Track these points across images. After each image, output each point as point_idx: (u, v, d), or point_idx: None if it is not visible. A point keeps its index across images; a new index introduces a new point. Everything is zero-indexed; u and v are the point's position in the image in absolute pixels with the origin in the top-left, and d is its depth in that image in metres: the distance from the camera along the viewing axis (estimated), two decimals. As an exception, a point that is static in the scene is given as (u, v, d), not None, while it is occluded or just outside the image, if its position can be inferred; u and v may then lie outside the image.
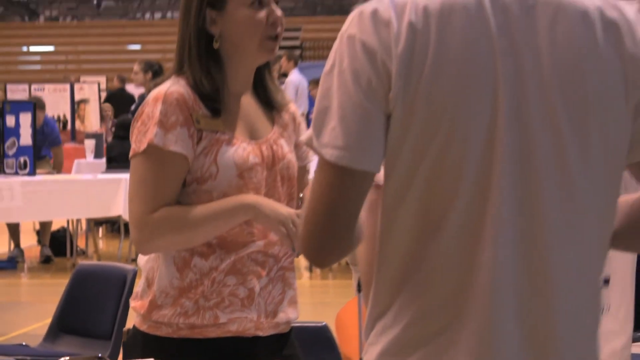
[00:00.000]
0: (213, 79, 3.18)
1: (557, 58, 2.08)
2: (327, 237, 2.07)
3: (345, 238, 2.11)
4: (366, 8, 2.05)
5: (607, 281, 2.72)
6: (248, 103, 3.31)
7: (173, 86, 3.16)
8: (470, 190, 2.05)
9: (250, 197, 3.12)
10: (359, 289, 2.70)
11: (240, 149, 3.18)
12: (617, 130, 2.12)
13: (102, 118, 18.35)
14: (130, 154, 3.18)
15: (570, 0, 2.11)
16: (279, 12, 3.24)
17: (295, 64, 18.34)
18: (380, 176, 2.11)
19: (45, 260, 13.16)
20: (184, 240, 3.14)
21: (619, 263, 2.82)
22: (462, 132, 2.03)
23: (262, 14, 3.19)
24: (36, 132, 12.69)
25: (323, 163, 2.01)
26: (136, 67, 15.55)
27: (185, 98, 3.13)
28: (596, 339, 2.22)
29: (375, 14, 2.03)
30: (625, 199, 2.27)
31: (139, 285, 3.28)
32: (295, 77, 16.43)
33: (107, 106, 18.27)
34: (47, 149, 14.07)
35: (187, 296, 3.12)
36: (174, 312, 3.13)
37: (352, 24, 2.05)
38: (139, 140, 3.13)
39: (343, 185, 2.04)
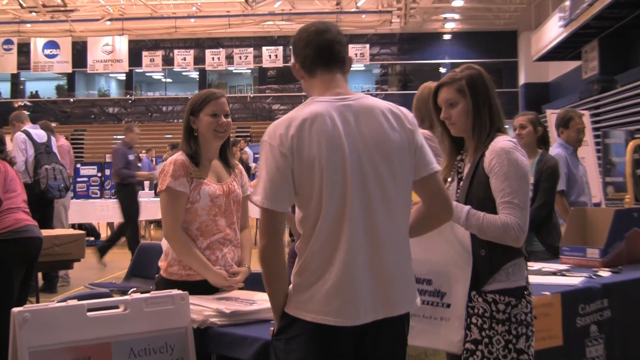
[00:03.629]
0: (195, 151, 3.08)
1: (373, 137, 2.10)
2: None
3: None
4: (275, 126, 2.09)
5: (449, 305, 2.54)
6: (216, 164, 3.16)
7: (179, 156, 3.07)
8: (333, 205, 2.04)
9: (209, 277, 2.97)
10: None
11: (212, 187, 3.05)
12: (407, 167, 2.14)
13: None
14: (157, 190, 3.08)
15: (375, 105, 2.15)
16: (225, 120, 3.09)
17: (247, 144, 18.63)
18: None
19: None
20: (177, 253, 3.01)
21: (458, 292, 2.54)
22: (329, 181, 2.03)
23: (215, 120, 3.07)
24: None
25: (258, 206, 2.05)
26: (168, 148, 15.34)
27: (184, 162, 3.04)
28: (412, 276, 2.20)
29: (277, 129, 2.06)
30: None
31: (163, 254, 3.11)
32: (247, 150, 16.69)
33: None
34: None
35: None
36: (179, 268, 3.00)
37: (267, 133, 2.09)
38: (161, 183, 3.02)
39: (268, 216, 2.04)
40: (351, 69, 2.25)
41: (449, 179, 2.70)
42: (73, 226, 9.91)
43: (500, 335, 2.47)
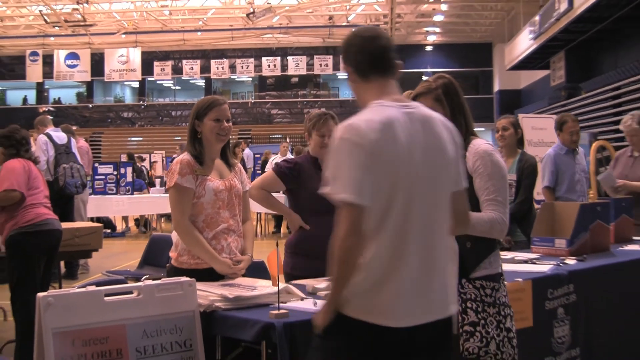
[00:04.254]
0: (199, 152, 3.05)
1: (436, 146, 1.97)
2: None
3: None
4: (354, 125, 1.88)
5: None
6: (218, 162, 3.12)
7: (184, 156, 3.05)
8: (400, 210, 1.87)
9: (216, 265, 2.94)
10: (277, 245, 2.54)
11: (215, 183, 3.03)
12: (453, 178, 2.03)
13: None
14: (166, 187, 3.01)
15: (433, 115, 2.03)
16: (227, 124, 3.07)
17: (247, 145, 18.54)
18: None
19: (141, 232, 12.72)
20: (186, 244, 2.97)
21: None
22: (401, 186, 1.88)
23: (218, 125, 3.05)
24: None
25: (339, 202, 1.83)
26: (177, 147, 15.44)
27: (189, 161, 3.01)
28: (456, 279, 2.12)
29: (357, 128, 1.87)
30: None
31: (173, 245, 3.09)
32: (247, 151, 16.55)
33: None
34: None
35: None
36: (188, 258, 2.98)
37: (347, 131, 1.87)
38: (169, 181, 3.01)
39: (354, 212, 1.82)
40: (343, 77, 2.20)
41: None
42: (91, 219, 9.89)
43: (492, 317, 2.49)
